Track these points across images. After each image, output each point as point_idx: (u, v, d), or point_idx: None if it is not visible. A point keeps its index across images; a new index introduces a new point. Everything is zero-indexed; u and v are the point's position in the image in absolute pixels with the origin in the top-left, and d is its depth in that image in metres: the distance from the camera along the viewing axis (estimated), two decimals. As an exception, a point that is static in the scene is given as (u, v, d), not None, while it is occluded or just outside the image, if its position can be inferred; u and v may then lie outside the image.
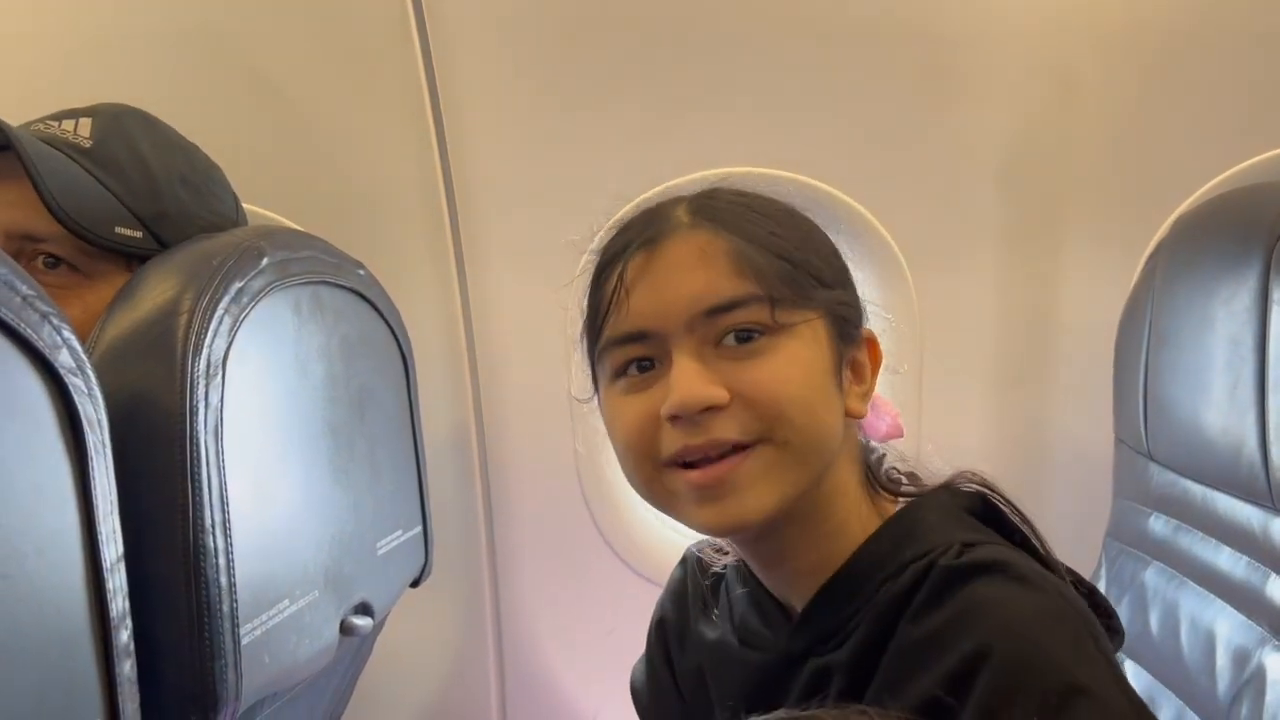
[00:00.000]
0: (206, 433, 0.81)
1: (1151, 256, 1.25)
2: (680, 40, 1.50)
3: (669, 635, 1.00)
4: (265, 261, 0.92)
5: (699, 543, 1.00)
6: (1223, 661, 0.96)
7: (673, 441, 0.75)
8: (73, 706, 0.64)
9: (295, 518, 0.96)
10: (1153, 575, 1.13)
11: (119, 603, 0.68)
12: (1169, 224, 1.34)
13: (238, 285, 0.87)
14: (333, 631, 1.02)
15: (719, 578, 0.94)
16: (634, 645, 1.18)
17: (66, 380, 0.64)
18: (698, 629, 0.94)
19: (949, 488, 0.82)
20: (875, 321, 0.87)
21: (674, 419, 0.74)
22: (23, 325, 0.60)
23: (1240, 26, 1.39)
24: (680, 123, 1.53)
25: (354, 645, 1.15)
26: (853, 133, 1.50)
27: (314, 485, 1.00)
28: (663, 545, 1.66)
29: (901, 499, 0.83)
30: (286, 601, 0.92)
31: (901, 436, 0.88)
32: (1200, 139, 1.42)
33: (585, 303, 0.84)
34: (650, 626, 1.04)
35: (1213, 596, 1.01)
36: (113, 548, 0.67)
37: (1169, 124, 1.43)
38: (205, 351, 0.82)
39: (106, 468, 0.68)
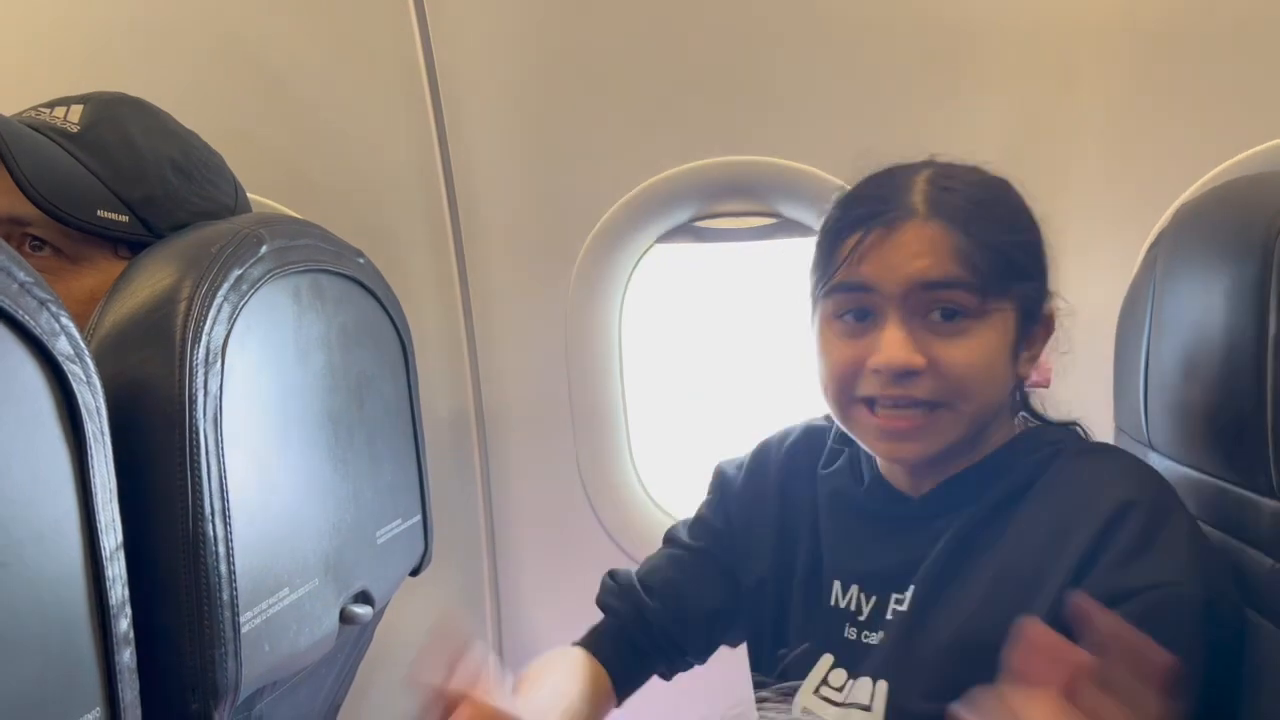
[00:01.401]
0: (206, 420, 0.80)
1: (1152, 246, 1.24)
2: (679, 29, 1.50)
3: (799, 456, 1.12)
4: (264, 249, 0.92)
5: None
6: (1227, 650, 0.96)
7: (870, 387, 0.92)
8: (72, 695, 0.64)
9: (295, 506, 0.95)
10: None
11: (118, 591, 0.67)
12: (1170, 213, 1.33)
13: (237, 272, 0.87)
14: (333, 620, 1.02)
15: (849, 445, 1.07)
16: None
17: (65, 367, 0.63)
18: (825, 466, 1.09)
19: (1067, 426, 1.05)
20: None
21: (876, 371, 0.91)
22: (20, 312, 0.60)
23: (1241, 15, 1.38)
24: (680, 111, 1.52)
25: (354, 634, 1.15)
26: (852, 122, 1.50)
27: (314, 474, 0.99)
28: (661, 533, 1.66)
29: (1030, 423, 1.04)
30: (286, 590, 0.92)
31: (1048, 385, 1.07)
32: (1201, 128, 1.41)
33: (820, 247, 0.98)
34: (771, 441, 1.16)
35: (1213, 585, 1.01)
36: (112, 536, 0.67)
37: (1170, 113, 1.42)
38: (204, 339, 0.82)
39: (105, 455, 0.67)
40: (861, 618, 1.01)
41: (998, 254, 0.92)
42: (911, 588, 0.97)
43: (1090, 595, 0.82)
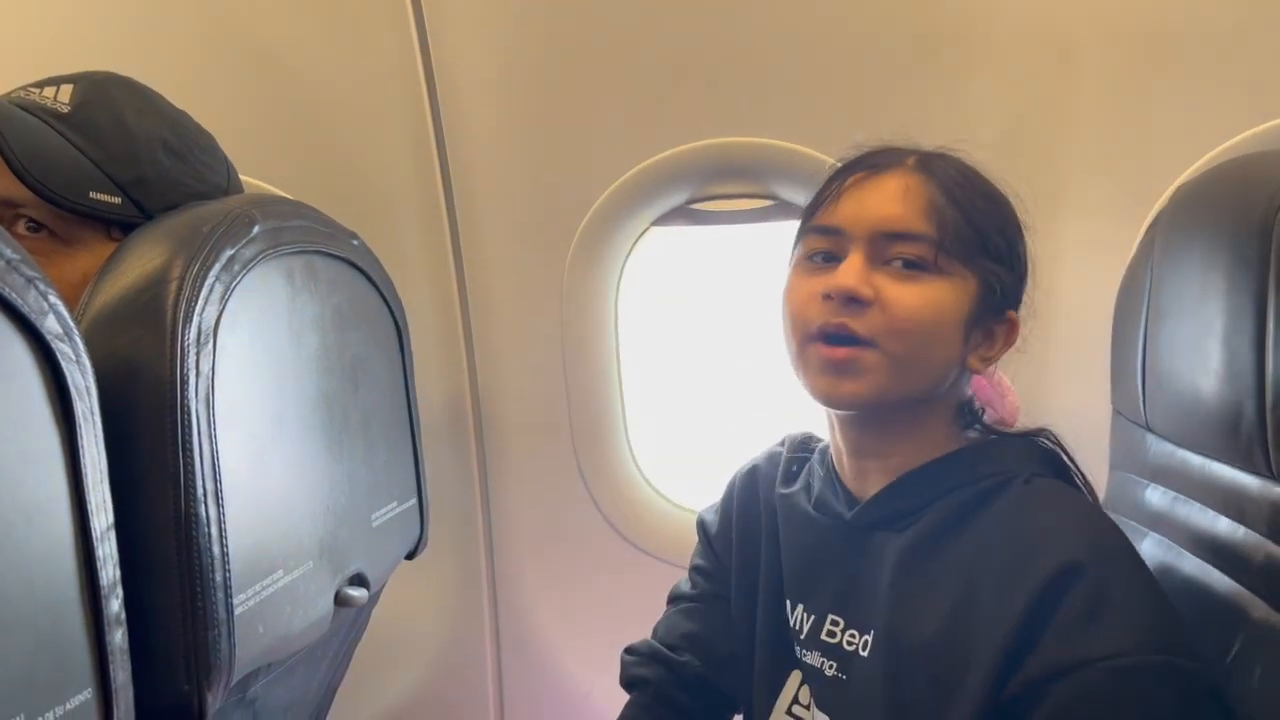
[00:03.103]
0: (198, 401, 0.80)
1: (1151, 226, 1.24)
2: (675, 10, 1.49)
3: (758, 480, 1.15)
4: (257, 229, 0.91)
5: (799, 432, 1.16)
6: (1220, 631, 0.96)
7: (819, 315, 0.92)
8: (63, 676, 0.63)
9: (289, 488, 0.95)
10: (1150, 546, 1.12)
11: (109, 571, 0.67)
12: (1168, 194, 1.33)
13: (229, 253, 0.86)
14: (327, 602, 1.01)
15: (804, 461, 1.11)
16: (630, 617, 1.18)
17: (54, 347, 0.63)
18: (782, 485, 1.11)
19: (1028, 436, 1.00)
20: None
21: (827, 297, 0.92)
22: (7, 290, 0.59)
23: (1241, -5, 1.37)
24: (675, 93, 1.52)
25: (349, 617, 1.15)
26: (848, 103, 1.49)
27: (308, 456, 0.99)
28: (659, 518, 1.67)
29: (985, 434, 1.01)
30: (280, 572, 0.92)
31: (1012, 425, 1.04)
32: (1199, 109, 1.40)
33: (810, 203, 1.01)
34: (738, 473, 1.19)
35: (1210, 566, 1.01)
36: (102, 516, 0.67)
37: (1168, 94, 1.42)
38: (196, 319, 0.81)
39: (95, 436, 0.67)
40: (803, 637, 1.01)
41: (968, 221, 0.94)
42: (862, 627, 0.96)
43: (1039, 669, 0.83)
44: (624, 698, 1.14)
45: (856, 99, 1.48)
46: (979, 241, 0.94)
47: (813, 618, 1.01)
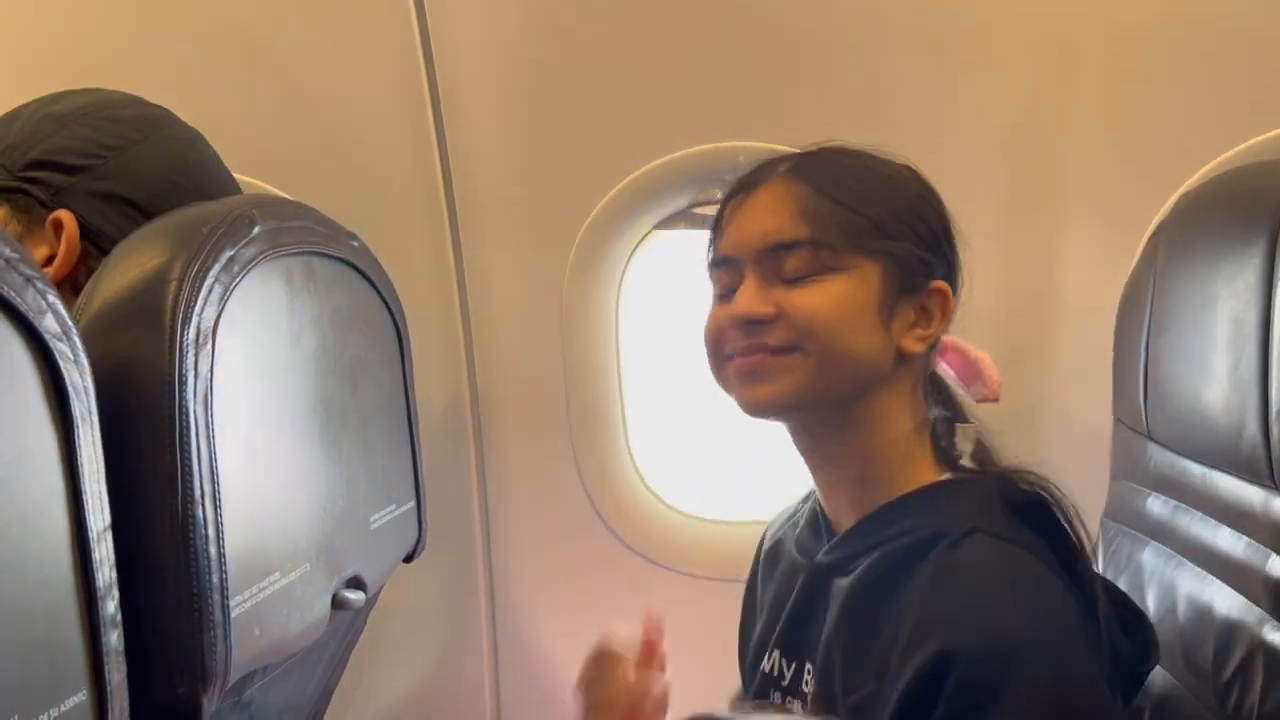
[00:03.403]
0: (196, 402, 0.79)
1: (1153, 235, 1.24)
2: (679, 12, 1.49)
3: (764, 542, 1.15)
4: (257, 230, 0.90)
5: None
6: (1221, 642, 0.96)
7: (732, 341, 0.94)
8: (58, 677, 0.63)
9: (286, 490, 0.95)
10: (1150, 555, 1.12)
11: (105, 572, 0.67)
12: (1171, 202, 1.33)
13: (229, 253, 0.86)
14: (324, 605, 1.01)
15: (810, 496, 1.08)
16: (626, 619, 1.17)
17: (52, 346, 0.62)
18: (784, 524, 1.11)
19: (1003, 476, 0.94)
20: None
21: (734, 325, 0.93)
22: (6, 288, 0.59)
23: (1244, 3, 1.37)
24: (678, 95, 1.52)
25: (346, 619, 1.14)
26: (852, 107, 1.49)
27: (306, 458, 0.98)
28: (657, 521, 1.66)
29: (952, 472, 0.95)
30: (277, 574, 0.91)
31: (995, 400, 1.02)
32: (1203, 116, 1.40)
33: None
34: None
35: (1211, 577, 1.00)
36: (99, 517, 0.66)
37: (1173, 100, 1.42)
38: (195, 320, 0.80)
39: (93, 436, 0.66)
40: (784, 683, 0.99)
41: (849, 211, 0.92)
42: (813, 675, 0.94)
43: None
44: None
45: (859, 103, 1.48)
46: (870, 227, 0.92)
47: (794, 664, 0.98)
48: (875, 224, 0.92)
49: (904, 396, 0.96)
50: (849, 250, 0.91)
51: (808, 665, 0.96)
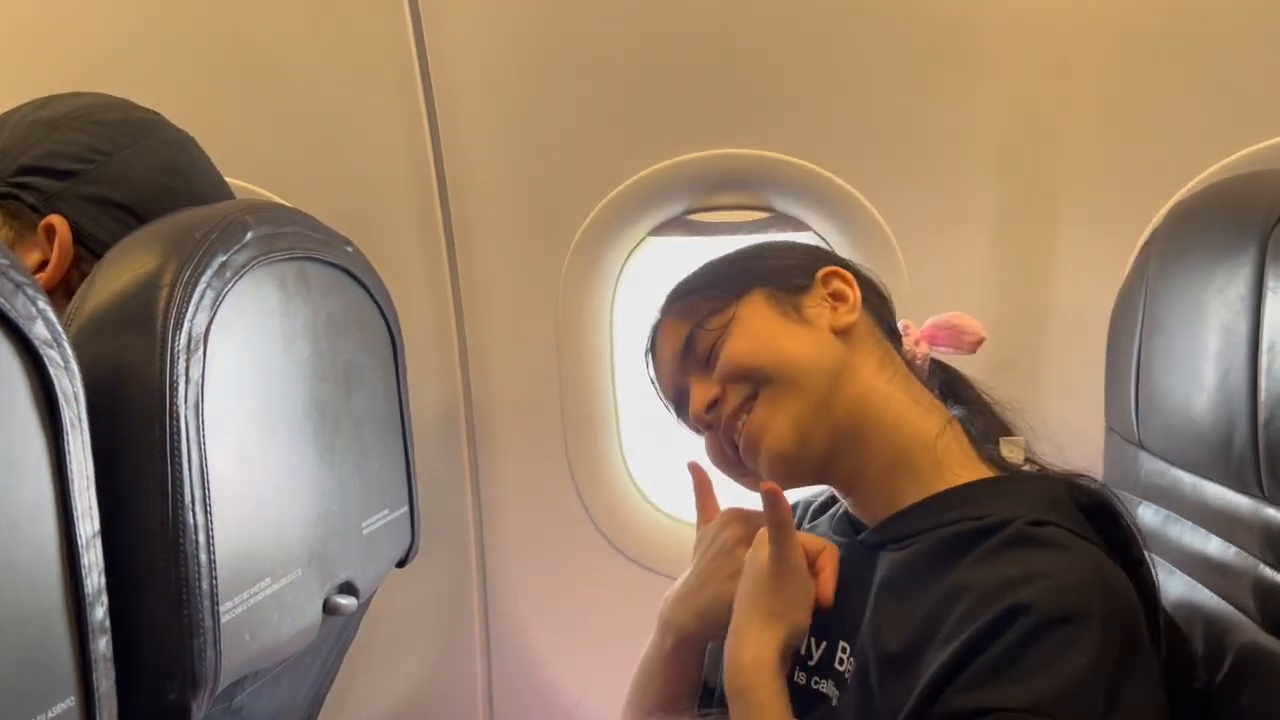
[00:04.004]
0: (187, 408, 0.79)
1: (1146, 244, 1.24)
2: (674, 20, 1.49)
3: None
4: (250, 235, 0.90)
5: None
6: (1210, 650, 0.96)
7: (718, 443, 1.03)
8: (46, 683, 0.63)
9: (278, 495, 0.94)
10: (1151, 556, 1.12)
11: (94, 579, 0.67)
12: (1163, 212, 1.33)
13: (221, 259, 0.86)
14: (316, 611, 1.01)
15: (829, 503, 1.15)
16: (621, 628, 1.17)
17: (42, 352, 0.62)
18: (816, 515, 1.15)
19: (1068, 477, 0.96)
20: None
21: (708, 426, 1.03)
22: (-4, 295, 0.59)
23: (1239, 12, 1.38)
24: (674, 103, 1.52)
25: (338, 625, 1.14)
26: (846, 116, 1.49)
27: (298, 463, 0.98)
28: (650, 526, 1.66)
29: (1006, 471, 0.98)
30: (268, 580, 0.91)
31: (983, 338, 1.09)
32: (1196, 126, 1.41)
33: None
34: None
35: (1201, 585, 1.00)
36: (88, 523, 0.66)
37: (1165, 110, 1.42)
38: (186, 325, 0.80)
39: (83, 442, 0.66)
40: (811, 663, 0.98)
41: (704, 291, 1.05)
42: (852, 648, 0.94)
43: (957, 703, 0.78)
44: (613, 708, 1.13)
45: (856, 112, 1.48)
46: (725, 283, 1.04)
47: (824, 643, 0.98)
48: (722, 280, 1.05)
49: (878, 373, 1.00)
50: (720, 310, 1.02)
51: (841, 644, 0.95)
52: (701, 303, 1.04)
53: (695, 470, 1.13)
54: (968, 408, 1.05)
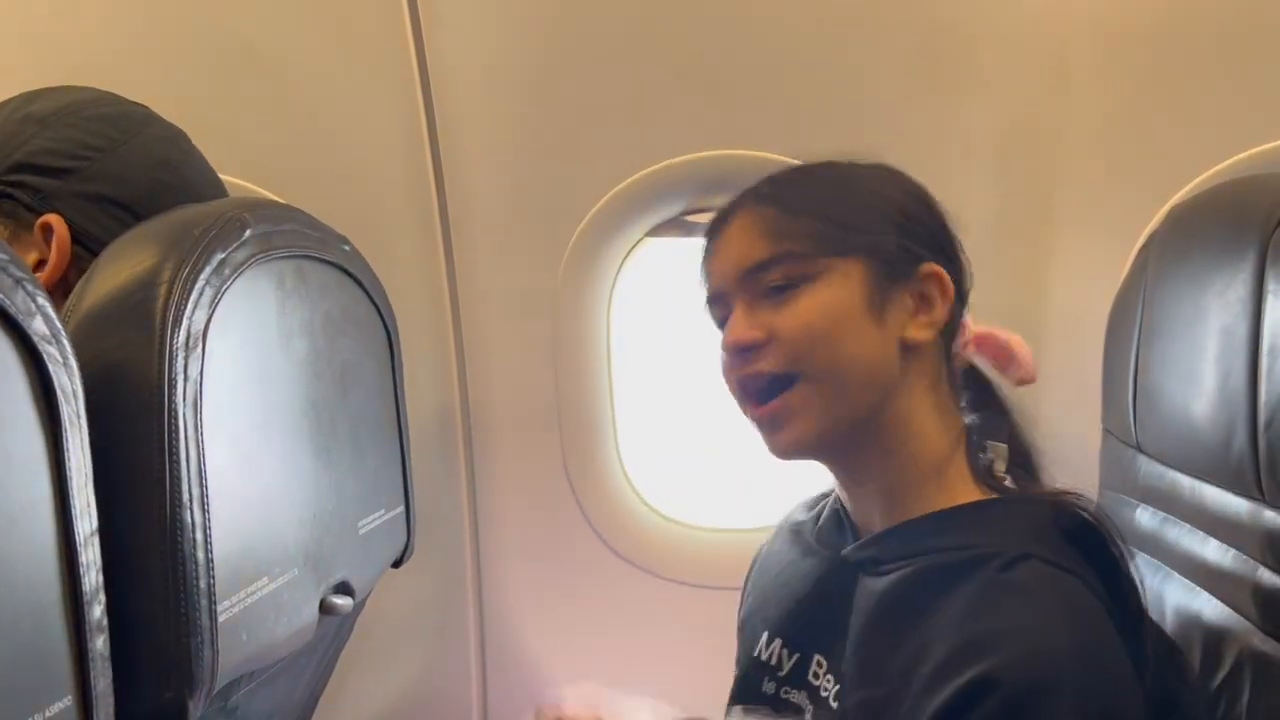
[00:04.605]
0: (185, 405, 0.79)
1: (1144, 247, 1.24)
2: (673, 21, 1.49)
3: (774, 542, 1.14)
4: (248, 233, 0.90)
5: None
6: (1208, 652, 0.96)
7: (736, 373, 0.94)
8: (43, 682, 0.62)
9: (275, 494, 0.94)
10: (1138, 567, 1.12)
11: (92, 577, 0.66)
12: (1162, 214, 1.33)
13: (219, 256, 0.85)
14: (312, 610, 1.00)
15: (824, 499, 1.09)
16: (617, 629, 1.17)
17: (40, 349, 0.62)
18: (801, 513, 1.11)
19: (1056, 500, 0.91)
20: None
21: (730, 356, 0.94)
22: (-5, 290, 0.58)
23: (1238, 16, 1.38)
24: (672, 104, 1.52)
25: (334, 625, 1.14)
26: (844, 117, 1.49)
27: (295, 462, 0.98)
28: (647, 528, 1.66)
29: (997, 492, 0.93)
30: (265, 579, 0.91)
31: (1032, 380, 1.02)
32: (1194, 130, 1.41)
33: None
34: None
35: (1199, 588, 1.01)
36: (86, 521, 0.66)
37: (1164, 114, 1.42)
38: (185, 323, 0.80)
39: (81, 439, 0.66)
40: (782, 673, 0.97)
41: (819, 216, 0.92)
42: (836, 674, 0.92)
43: None
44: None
45: (853, 114, 1.48)
46: (839, 229, 0.92)
47: (797, 655, 0.97)
48: (843, 224, 0.93)
49: (924, 395, 0.94)
50: (821, 254, 0.91)
51: (816, 658, 0.94)
52: (802, 227, 0.92)
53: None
54: (984, 415, 1.00)
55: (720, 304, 0.97)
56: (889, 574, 0.89)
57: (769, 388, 0.91)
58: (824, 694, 0.92)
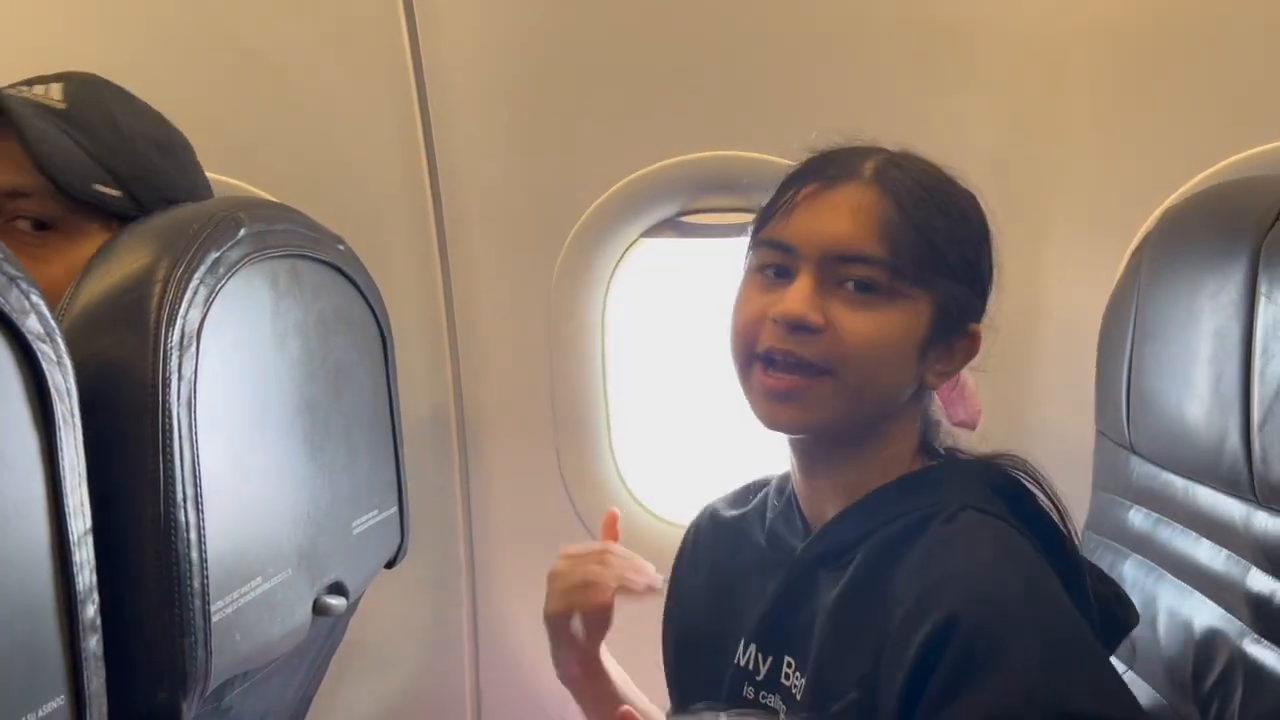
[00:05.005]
0: (179, 405, 0.79)
1: (1137, 249, 1.25)
2: (668, 22, 1.49)
3: (697, 534, 1.15)
4: (243, 232, 0.90)
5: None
6: (1201, 654, 0.96)
7: (767, 338, 0.89)
8: (35, 682, 0.62)
9: (269, 494, 0.94)
10: (1131, 568, 1.12)
11: (85, 576, 0.66)
12: (1156, 217, 1.34)
13: (214, 255, 0.85)
14: (305, 611, 1.00)
15: (760, 487, 1.09)
16: (611, 629, 1.16)
17: (34, 347, 0.62)
18: (730, 507, 1.11)
19: (982, 460, 0.95)
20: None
21: (776, 321, 0.88)
22: (-12, 289, 0.58)
23: (1231, 20, 1.38)
24: (666, 105, 1.52)
25: (327, 625, 1.13)
26: (840, 119, 1.49)
27: (289, 462, 0.98)
28: (642, 531, 1.66)
29: (934, 460, 0.96)
30: (259, 579, 0.90)
31: (974, 428, 1.02)
32: (1188, 132, 1.41)
33: (770, 201, 0.95)
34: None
35: (1191, 589, 1.01)
36: (80, 520, 0.66)
37: (1157, 117, 1.43)
38: (179, 322, 0.80)
39: (75, 438, 0.66)
40: (759, 678, 0.98)
41: (924, 240, 0.89)
42: (803, 670, 0.93)
43: None
44: (602, 709, 1.13)
45: (850, 115, 1.47)
46: (936, 260, 0.89)
47: (770, 658, 0.97)
48: (944, 259, 0.90)
49: (911, 423, 0.96)
50: (913, 280, 0.88)
51: (787, 659, 0.95)
52: (909, 240, 0.88)
53: (610, 517, 1.14)
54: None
55: (782, 253, 0.91)
56: (846, 565, 0.91)
57: (796, 366, 0.88)
58: (795, 694, 0.93)
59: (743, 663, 0.99)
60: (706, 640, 1.05)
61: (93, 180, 0.98)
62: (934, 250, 0.89)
